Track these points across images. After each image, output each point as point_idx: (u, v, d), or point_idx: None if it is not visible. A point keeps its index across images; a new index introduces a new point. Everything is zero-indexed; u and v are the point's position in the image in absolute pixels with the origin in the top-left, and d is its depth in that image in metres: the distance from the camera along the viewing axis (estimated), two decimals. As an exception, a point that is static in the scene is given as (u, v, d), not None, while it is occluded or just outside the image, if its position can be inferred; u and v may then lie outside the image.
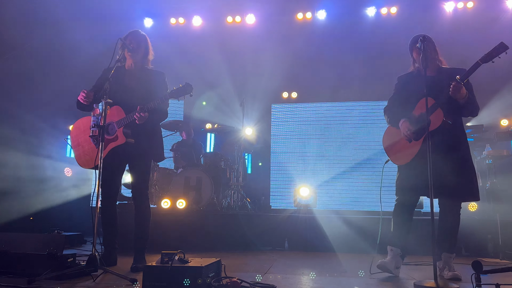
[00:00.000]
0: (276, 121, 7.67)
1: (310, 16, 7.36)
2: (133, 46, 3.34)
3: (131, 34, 3.42)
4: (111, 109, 3.29)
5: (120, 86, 3.34)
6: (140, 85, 3.35)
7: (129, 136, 3.25)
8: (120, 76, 3.37)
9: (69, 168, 6.77)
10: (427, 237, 2.91)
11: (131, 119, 3.16)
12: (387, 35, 6.68)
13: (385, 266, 3.04)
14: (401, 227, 3.16)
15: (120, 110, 3.24)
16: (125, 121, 3.19)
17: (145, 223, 3.39)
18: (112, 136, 3.26)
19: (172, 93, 3.09)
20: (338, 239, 4.57)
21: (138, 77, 3.40)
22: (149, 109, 3.13)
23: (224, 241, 4.77)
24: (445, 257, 3.06)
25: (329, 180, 7.08)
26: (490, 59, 2.83)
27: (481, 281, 2.08)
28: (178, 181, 5.47)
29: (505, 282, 2.04)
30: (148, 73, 3.44)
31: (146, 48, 3.45)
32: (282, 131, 7.61)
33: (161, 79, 3.44)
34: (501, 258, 4.03)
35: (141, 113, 3.10)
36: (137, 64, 3.44)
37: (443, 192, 2.96)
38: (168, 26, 7.61)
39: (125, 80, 3.40)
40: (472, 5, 6.85)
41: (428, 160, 2.62)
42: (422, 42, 2.92)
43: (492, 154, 4.82)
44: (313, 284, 2.75)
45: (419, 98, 3.06)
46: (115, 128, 3.24)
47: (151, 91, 3.30)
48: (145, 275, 2.40)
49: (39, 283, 2.58)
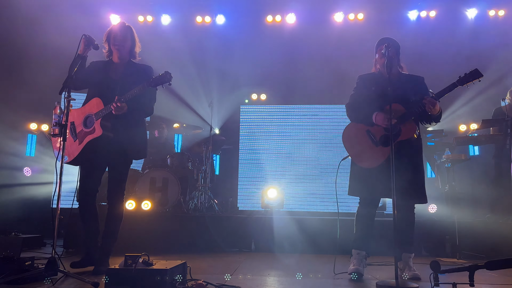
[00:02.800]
0: (245, 122, 7.67)
1: (280, 19, 7.42)
2: (119, 39, 3.26)
3: (116, 27, 3.33)
4: (91, 101, 3.21)
5: (104, 79, 3.26)
6: (125, 78, 3.26)
7: (108, 129, 3.13)
8: (106, 69, 3.31)
9: (28, 167, 6.51)
10: (389, 238, 2.99)
11: (108, 110, 3.07)
12: (354, 40, 6.84)
13: (359, 272, 3.04)
14: (365, 231, 3.22)
15: (100, 102, 3.15)
16: (103, 113, 3.10)
17: (116, 226, 3.30)
18: (90, 129, 3.16)
19: (150, 82, 3.03)
20: (304, 240, 4.61)
21: (123, 71, 3.32)
22: (127, 99, 3.05)
23: (190, 243, 4.72)
24: (405, 257, 3.15)
25: (297, 181, 7.16)
26: (465, 82, 2.96)
27: (439, 281, 2.16)
28: (144, 181, 5.36)
29: (461, 281, 2.12)
30: (134, 66, 3.37)
31: (133, 41, 3.38)
32: (250, 132, 7.62)
33: (148, 71, 3.34)
34: (458, 258, 4.19)
35: (117, 103, 3.01)
36: (123, 58, 3.36)
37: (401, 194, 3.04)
38: (135, 24, 7.46)
39: (110, 73, 3.31)
40: (434, 14, 7.14)
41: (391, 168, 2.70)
42: (386, 48, 3.00)
43: (451, 158, 5.01)
44: (278, 285, 2.77)
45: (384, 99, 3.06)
46: (93, 120, 3.15)
47: (136, 84, 3.15)
48: (107, 278, 2.34)
49: (-6, 288, 2.47)
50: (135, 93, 3.05)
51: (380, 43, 3.23)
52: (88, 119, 3.18)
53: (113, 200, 3.29)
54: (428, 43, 6.87)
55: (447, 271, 2.19)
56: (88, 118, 3.18)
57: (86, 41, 3.15)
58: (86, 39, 3.15)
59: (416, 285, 2.67)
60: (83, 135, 3.15)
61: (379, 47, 3.22)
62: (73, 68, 3.04)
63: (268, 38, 7.36)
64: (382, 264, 3.72)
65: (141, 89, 3.06)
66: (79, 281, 2.65)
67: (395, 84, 3.06)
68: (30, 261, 2.80)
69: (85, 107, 3.24)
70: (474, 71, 2.95)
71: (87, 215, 3.29)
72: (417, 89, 3.17)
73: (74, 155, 3.17)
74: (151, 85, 3.04)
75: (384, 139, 3.11)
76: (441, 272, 2.17)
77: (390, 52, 3.00)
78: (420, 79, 3.28)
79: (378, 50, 3.24)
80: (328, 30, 7.30)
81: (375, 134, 3.16)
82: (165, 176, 5.39)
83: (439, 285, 2.14)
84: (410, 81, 3.21)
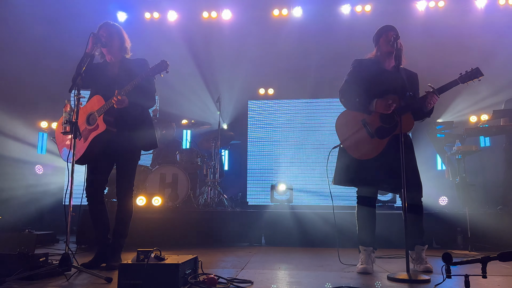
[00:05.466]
0: (253, 117, 7.66)
1: (286, 12, 7.39)
2: (105, 39, 3.26)
3: (101, 27, 3.34)
4: (92, 99, 3.24)
5: (103, 77, 3.30)
6: (121, 75, 3.28)
7: (111, 124, 3.15)
8: (102, 69, 3.35)
9: (40, 165, 6.59)
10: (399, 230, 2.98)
11: (110, 105, 3.10)
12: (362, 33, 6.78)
13: (366, 271, 3.01)
14: (368, 225, 3.18)
15: (100, 98, 3.18)
16: (104, 108, 3.13)
17: (127, 222, 3.33)
18: (93, 125, 3.19)
19: (148, 72, 3.06)
20: (314, 234, 4.63)
21: (119, 68, 3.35)
22: (126, 92, 3.07)
23: (201, 238, 4.75)
24: (418, 249, 3.13)
25: (306, 176, 7.15)
26: (467, 80, 2.93)
27: (451, 273, 2.15)
28: (154, 178, 5.40)
29: (473, 273, 2.11)
30: (129, 62, 3.38)
31: (120, 38, 3.37)
32: (259, 127, 7.62)
33: (143, 64, 3.34)
34: (470, 250, 4.16)
35: (118, 96, 3.04)
36: (115, 56, 3.38)
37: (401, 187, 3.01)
38: (142, 21, 7.49)
39: (107, 71, 3.35)
40: (443, 4, 7.05)
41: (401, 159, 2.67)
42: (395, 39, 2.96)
43: (461, 150, 4.96)
44: (290, 279, 2.78)
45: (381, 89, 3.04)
46: (96, 117, 3.18)
47: (133, 78, 3.16)
48: (120, 273, 2.36)
49: (10, 284, 2.51)
50: (134, 84, 3.08)
51: (386, 30, 3.16)
52: (91, 117, 3.20)
53: (122, 196, 3.32)
54: (437, 33, 6.78)
55: (459, 263, 2.18)
56: (91, 116, 3.20)
57: (94, 40, 3.18)
58: (94, 38, 3.17)
59: (428, 277, 2.66)
60: (87, 133, 3.17)
61: (385, 33, 3.14)
62: (82, 66, 3.06)
63: (275, 32, 7.33)
64: (393, 257, 3.71)
65: (139, 80, 3.08)
66: (93, 276, 2.68)
67: (396, 75, 3.01)
68: (44, 257, 2.83)
69: (87, 105, 3.28)
70: (475, 69, 2.93)
71: (96, 212, 3.32)
72: (413, 84, 3.15)
73: (80, 153, 3.20)
74: (149, 75, 3.07)
75: (380, 131, 3.05)
76: (453, 264, 2.15)
77: (398, 44, 2.96)
78: (414, 75, 3.24)
79: (384, 36, 3.15)
80: (336, 23, 7.25)
81: (371, 124, 3.07)
82: (174, 172, 5.42)
83: (451, 277, 2.13)
84: (406, 75, 3.17)
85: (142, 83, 3.13)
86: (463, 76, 2.95)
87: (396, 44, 2.94)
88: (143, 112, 3.39)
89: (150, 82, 3.25)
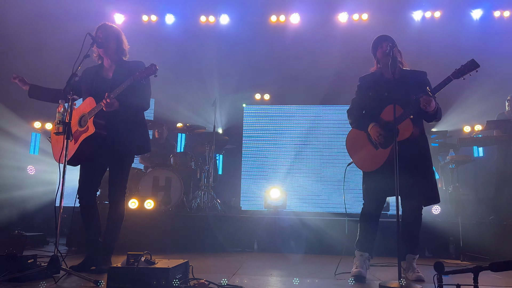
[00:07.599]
0: (249, 122, 7.66)
1: (284, 19, 7.42)
2: (102, 40, 3.25)
3: (99, 29, 3.32)
4: (85, 100, 3.22)
5: (99, 80, 3.28)
6: (117, 77, 3.25)
7: (101, 127, 3.13)
8: (98, 71, 3.34)
9: (32, 166, 6.53)
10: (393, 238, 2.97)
11: (100, 107, 3.08)
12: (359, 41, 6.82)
13: (361, 275, 3.03)
14: (369, 232, 3.20)
15: (92, 101, 3.16)
16: (95, 111, 3.11)
17: (118, 225, 3.30)
18: (84, 127, 3.17)
19: (136, 76, 3.05)
20: (307, 240, 4.61)
21: (115, 70, 3.33)
22: (116, 95, 3.05)
23: (192, 243, 4.72)
24: (409, 258, 3.13)
25: (300, 181, 7.15)
26: (462, 75, 2.86)
27: (443, 282, 2.14)
28: (147, 181, 5.37)
29: (465, 282, 2.10)
30: (125, 64, 3.36)
31: (118, 40, 3.35)
32: (254, 132, 7.62)
33: (140, 66, 3.28)
34: (462, 259, 4.16)
35: (107, 99, 3.02)
36: (112, 57, 3.36)
37: (408, 195, 3.04)
38: (140, 23, 7.48)
39: (102, 74, 3.34)
40: (439, 15, 7.11)
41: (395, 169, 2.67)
42: (391, 48, 2.97)
43: (455, 159, 4.98)
44: (281, 285, 2.76)
45: (384, 101, 3.09)
46: (87, 119, 3.16)
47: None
48: (109, 276, 2.33)
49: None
50: (123, 88, 3.06)
51: (380, 41, 3.19)
52: (83, 119, 3.19)
53: (114, 199, 3.29)
54: (433, 43, 6.84)
55: (451, 273, 2.17)
56: (83, 118, 3.19)
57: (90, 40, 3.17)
58: (90, 38, 3.16)
59: (420, 286, 2.65)
60: (78, 135, 3.16)
61: (380, 45, 3.18)
62: (77, 66, 3.05)
63: (272, 38, 7.35)
64: (385, 265, 3.70)
65: (128, 83, 3.07)
66: (82, 279, 2.64)
67: (397, 82, 3.01)
68: (32, 259, 2.80)
69: (80, 107, 3.26)
70: (470, 61, 2.86)
71: (88, 214, 3.29)
72: (420, 84, 3.11)
73: (70, 154, 3.17)
74: (137, 79, 3.06)
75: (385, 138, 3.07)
76: (445, 274, 2.15)
77: (394, 52, 2.97)
78: (422, 74, 3.23)
79: (379, 48, 3.19)
80: (333, 30, 7.29)
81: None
82: (168, 176, 5.39)
83: (443, 286, 2.13)
84: (412, 77, 3.17)
85: (135, 85, 3.11)
86: (457, 71, 2.89)
87: (392, 52, 2.95)
88: (136, 115, 3.36)
89: (144, 84, 3.21)
